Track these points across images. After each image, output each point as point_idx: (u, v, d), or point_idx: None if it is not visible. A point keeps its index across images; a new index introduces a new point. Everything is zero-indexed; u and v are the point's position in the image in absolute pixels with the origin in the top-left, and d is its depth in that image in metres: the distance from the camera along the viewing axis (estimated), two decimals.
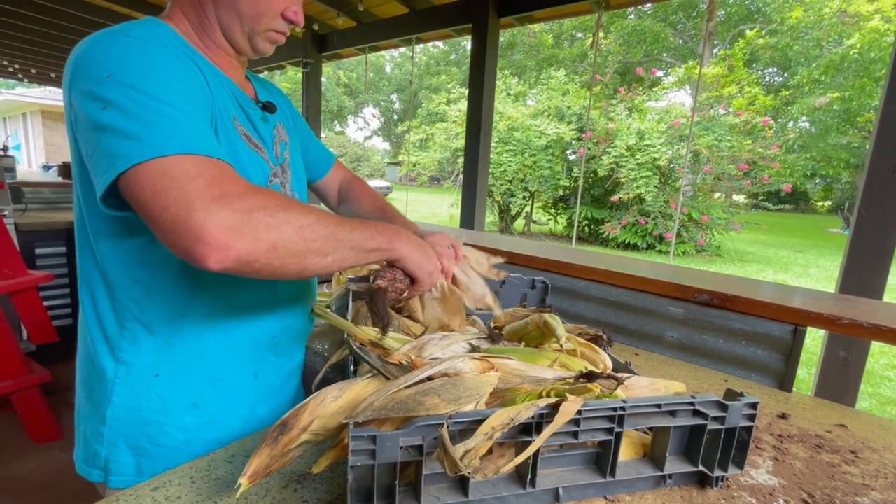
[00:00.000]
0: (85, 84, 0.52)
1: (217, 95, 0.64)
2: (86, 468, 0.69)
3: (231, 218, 0.47)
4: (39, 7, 3.47)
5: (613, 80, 13.84)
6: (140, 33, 0.56)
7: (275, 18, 0.68)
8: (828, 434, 0.81)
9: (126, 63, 0.52)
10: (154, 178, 0.47)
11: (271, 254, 0.50)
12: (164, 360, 0.66)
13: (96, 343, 0.66)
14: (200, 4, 0.66)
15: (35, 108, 14.08)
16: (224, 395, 0.71)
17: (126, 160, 0.48)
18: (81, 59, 0.54)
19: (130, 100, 0.50)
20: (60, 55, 5.03)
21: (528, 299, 1.18)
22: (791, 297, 1.10)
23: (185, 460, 0.65)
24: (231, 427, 0.72)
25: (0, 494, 1.74)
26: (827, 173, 15.65)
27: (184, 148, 0.49)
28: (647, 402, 0.56)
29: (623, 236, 9.54)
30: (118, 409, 0.65)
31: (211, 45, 0.68)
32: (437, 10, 3.11)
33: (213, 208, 0.47)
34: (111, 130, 0.49)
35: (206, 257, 0.47)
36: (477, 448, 0.46)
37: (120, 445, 0.67)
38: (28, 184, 3.27)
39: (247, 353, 0.72)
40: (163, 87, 0.52)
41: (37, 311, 2.08)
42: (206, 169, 0.49)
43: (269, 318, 0.74)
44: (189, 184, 0.47)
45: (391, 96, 31.01)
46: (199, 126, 0.53)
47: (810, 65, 13.55)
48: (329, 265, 0.56)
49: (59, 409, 2.28)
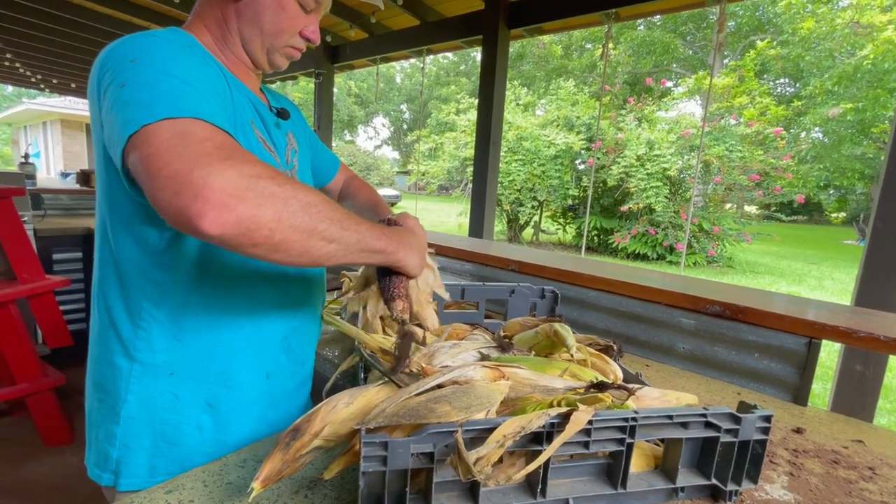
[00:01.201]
0: (111, 76, 0.54)
1: (236, 100, 0.67)
2: (97, 471, 0.70)
3: (237, 180, 0.44)
4: (62, 20, 3.59)
5: (623, 91, 13.85)
6: (166, 34, 0.59)
7: (293, 36, 0.71)
8: (844, 450, 0.79)
9: (150, 52, 0.54)
10: (161, 135, 0.46)
11: (274, 224, 0.46)
12: (178, 359, 0.67)
13: (111, 342, 0.67)
14: (224, 19, 0.68)
15: (55, 117, 14.45)
16: (237, 396, 0.71)
17: (136, 123, 0.47)
18: (109, 56, 0.56)
19: (150, 77, 0.51)
20: (81, 66, 5.18)
21: (537, 309, 1.18)
22: (805, 310, 1.08)
23: (199, 461, 0.66)
24: (243, 430, 0.73)
25: (13, 497, 1.76)
26: (841, 184, 15.45)
27: (197, 113, 0.48)
28: (659, 413, 0.56)
29: (633, 246, 9.47)
30: (133, 407, 0.66)
31: (231, 56, 0.71)
32: (447, 22, 3.16)
33: (218, 167, 0.44)
34: (128, 102, 0.50)
35: (202, 216, 0.43)
36: (489, 455, 0.46)
37: (133, 446, 0.67)
38: (47, 190, 3.35)
39: (259, 353, 0.73)
40: (183, 71, 0.54)
41: (53, 315, 2.12)
42: (216, 135, 0.48)
43: (281, 318, 0.75)
44: (197, 144, 0.45)
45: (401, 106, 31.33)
46: (215, 106, 0.54)
47: (823, 75, 13.46)
48: (332, 253, 0.53)
49: (70, 413, 2.31)
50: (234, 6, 0.67)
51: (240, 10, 0.68)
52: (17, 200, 2.07)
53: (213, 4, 0.68)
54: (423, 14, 3.18)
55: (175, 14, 3.56)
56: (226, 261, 0.67)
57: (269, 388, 0.75)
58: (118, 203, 0.62)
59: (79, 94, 7.61)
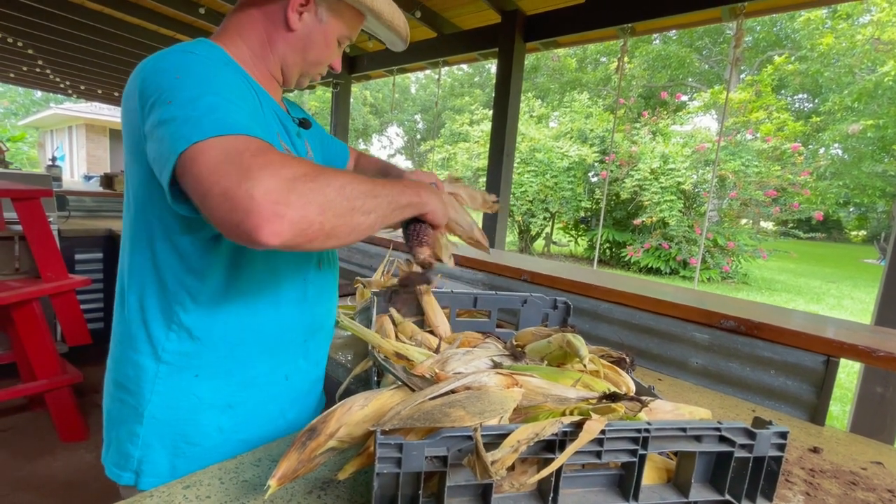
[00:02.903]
0: (156, 92, 0.57)
1: (265, 114, 0.70)
2: (116, 471, 0.71)
3: (279, 186, 0.47)
4: (92, 29, 3.73)
5: (637, 104, 13.83)
6: (203, 51, 0.62)
7: (325, 66, 0.80)
8: (863, 471, 0.78)
9: (193, 68, 0.58)
10: (209, 153, 0.49)
11: (322, 217, 0.50)
12: (204, 362, 0.69)
13: (138, 343, 0.69)
14: (269, 41, 0.73)
15: (80, 121, 14.91)
16: (257, 396, 0.73)
17: (185, 140, 0.50)
18: (152, 71, 0.59)
19: (194, 93, 0.55)
20: (108, 73, 5.36)
21: (549, 319, 1.18)
22: (823, 327, 1.07)
23: (219, 460, 0.67)
24: (262, 428, 0.75)
25: (30, 490, 1.79)
26: (861, 202, 15.14)
27: (238, 129, 0.52)
28: (672, 426, 0.55)
29: (645, 260, 9.37)
30: (157, 408, 0.68)
31: (263, 70, 0.74)
32: (464, 34, 3.20)
33: (259, 176, 0.47)
34: (175, 118, 0.53)
35: (259, 230, 0.46)
36: (504, 459, 0.47)
37: (155, 446, 0.69)
38: (72, 192, 3.46)
39: (280, 355, 0.75)
40: (222, 86, 0.57)
41: (74, 314, 2.18)
42: (252, 143, 0.52)
43: (301, 322, 0.77)
44: (240, 158, 0.49)
45: (415, 116, 31.64)
46: (252, 118, 0.57)
47: (842, 91, 13.27)
48: (373, 223, 0.57)
49: (86, 411, 2.36)
50: (285, 35, 0.72)
51: (289, 39, 0.73)
52: (44, 202, 2.15)
53: (259, 26, 0.72)
54: (440, 26, 3.23)
55: (200, 24, 3.67)
56: (252, 269, 0.69)
57: (287, 388, 0.77)
58: (158, 213, 0.65)
59: (104, 100, 7.84)
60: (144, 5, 3.41)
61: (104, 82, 6.02)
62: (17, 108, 24.75)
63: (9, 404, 2.36)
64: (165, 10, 3.49)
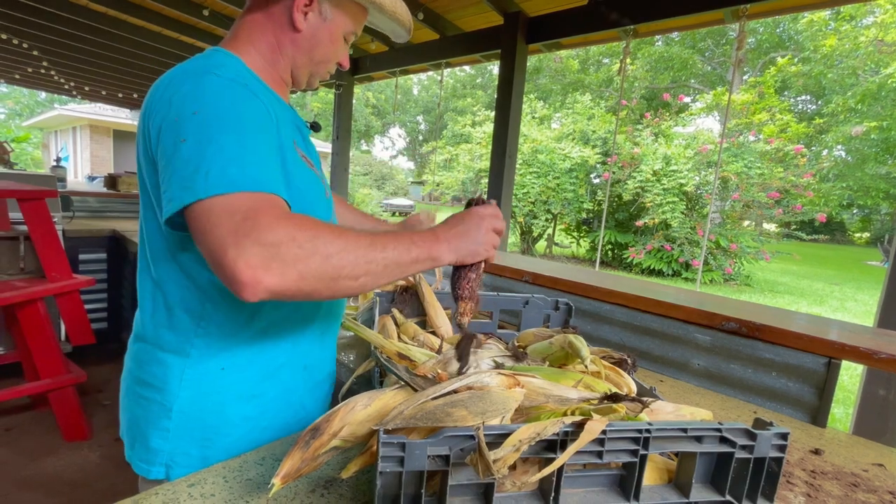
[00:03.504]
0: (173, 115, 0.58)
1: (282, 124, 0.70)
2: (145, 466, 0.72)
3: (260, 253, 0.51)
4: (96, 31, 3.75)
5: (640, 106, 13.82)
6: (226, 73, 0.62)
7: (333, 64, 0.80)
8: (864, 473, 0.78)
9: (212, 104, 0.58)
10: (208, 215, 0.53)
11: (300, 283, 0.53)
12: (230, 356, 0.71)
13: (164, 339, 0.70)
14: (278, 45, 0.73)
15: (84, 122, 14.98)
16: (279, 386, 0.76)
17: (191, 193, 0.54)
18: (173, 93, 0.60)
19: (206, 134, 0.56)
20: (112, 74, 5.39)
21: (551, 320, 1.19)
22: (825, 329, 1.07)
23: (248, 448, 0.69)
24: (283, 418, 0.77)
25: (34, 489, 1.80)
26: (865, 204, 15.08)
27: (242, 185, 0.54)
28: (673, 426, 0.56)
29: (648, 262, 9.36)
30: (185, 402, 0.69)
31: (275, 76, 0.75)
32: (467, 36, 3.21)
33: (242, 245, 0.51)
34: (188, 161, 0.55)
35: (242, 293, 0.52)
36: (505, 458, 0.47)
37: (186, 438, 0.70)
38: (76, 193, 3.47)
39: (301, 346, 0.78)
40: (237, 123, 0.58)
41: (78, 314, 2.19)
42: (246, 203, 0.54)
43: (318, 311, 0.80)
44: (228, 221, 0.52)
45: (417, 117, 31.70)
46: (261, 161, 0.58)
47: (846, 93, 13.24)
48: (362, 285, 0.59)
49: (89, 410, 2.37)
50: (292, 36, 0.73)
51: (296, 40, 0.73)
52: (49, 202, 2.16)
53: (267, 31, 0.72)
54: (442, 28, 3.24)
55: (203, 26, 3.69)
56: None
57: (305, 377, 0.80)
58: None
59: (108, 101, 7.90)
60: (148, 7, 3.43)
61: (108, 84, 6.06)
62: (22, 109, 24.90)
63: (13, 403, 2.37)
64: (169, 12, 3.51)
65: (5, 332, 2.49)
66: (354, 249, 0.57)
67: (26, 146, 17.19)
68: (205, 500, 0.56)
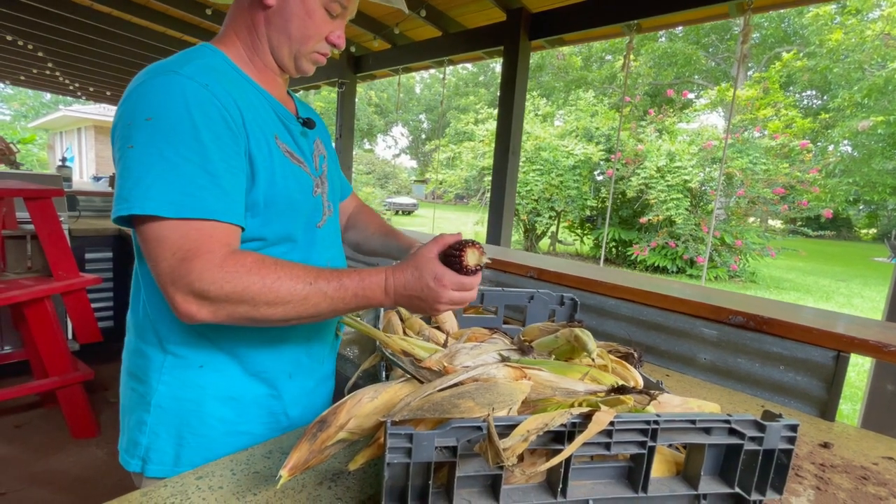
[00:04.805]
0: (128, 118, 0.60)
1: (260, 115, 0.68)
2: (126, 458, 0.73)
3: (193, 299, 0.58)
4: (100, 31, 3.77)
5: (643, 102, 13.74)
6: (187, 71, 0.62)
7: (320, 41, 0.73)
8: (874, 466, 0.77)
9: (166, 113, 0.58)
10: (149, 242, 0.58)
11: (230, 320, 0.61)
12: (208, 354, 0.70)
13: (147, 334, 0.71)
14: (254, 26, 0.71)
15: (88, 123, 15.07)
16: (259, 391, 0.74)
17: (129, 205, 0.57)
18: (133, 93, 0.61)
19: (156, 149, 0.57)
20: (116, 74, 5.42)
21: (556, 315, 1.18)
22: (833, 322, 1.06)
23: (224, 451, 0.68)
24: (264, 425, 0.75)
25: (42, 486, 1.82)
26: (871, 199, 14.96)
27: (178, 211, 0.57)
28: (682, 418, 0.55)
29: (652, 259, 9.32)
30: (163, 397, 0.69)
31: (259, 64, 0.73)
32: (469, 33, 3.20)
33: (178, 286, 0.57)
34: (130, 170, 0.58)
35: (181, 319, 0.60)
36: (514, 447, 0.47)
37: (161, 434, 0.70)
38: (82, 192, 3.50)
39: (284, 353, 0.76)
40: (188, 139, 0.58)
41: (85, 312, 2.20)
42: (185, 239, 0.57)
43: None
44: (169, 259, 0.57)
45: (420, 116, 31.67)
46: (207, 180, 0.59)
47: (852, 88, 13.11)
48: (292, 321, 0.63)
49: (97, 407, 2.39)
50: (264, 13, 0.70)
51: (269, 17, 0.70)
52: (55, 201, 2.17)
53: (244, 13, 0.71)
54: (445, 25, 3.23)
55: (207, 25, 3.70)
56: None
57: (290, 386, 0.78)
58: None
59: (113, 102, 7.93)
60: (152, 7, 3.45)
61: (113, 84, 6.08)
62: (27, 111, 25.08)
63: (22, 401, 2.39)
64: (173, 12, 3.52)
65: (13, 331, 2.51)
66: (286, 301, 0.60)
67: (32, 147, 17.32)
68: (213, 493, 0.57)
